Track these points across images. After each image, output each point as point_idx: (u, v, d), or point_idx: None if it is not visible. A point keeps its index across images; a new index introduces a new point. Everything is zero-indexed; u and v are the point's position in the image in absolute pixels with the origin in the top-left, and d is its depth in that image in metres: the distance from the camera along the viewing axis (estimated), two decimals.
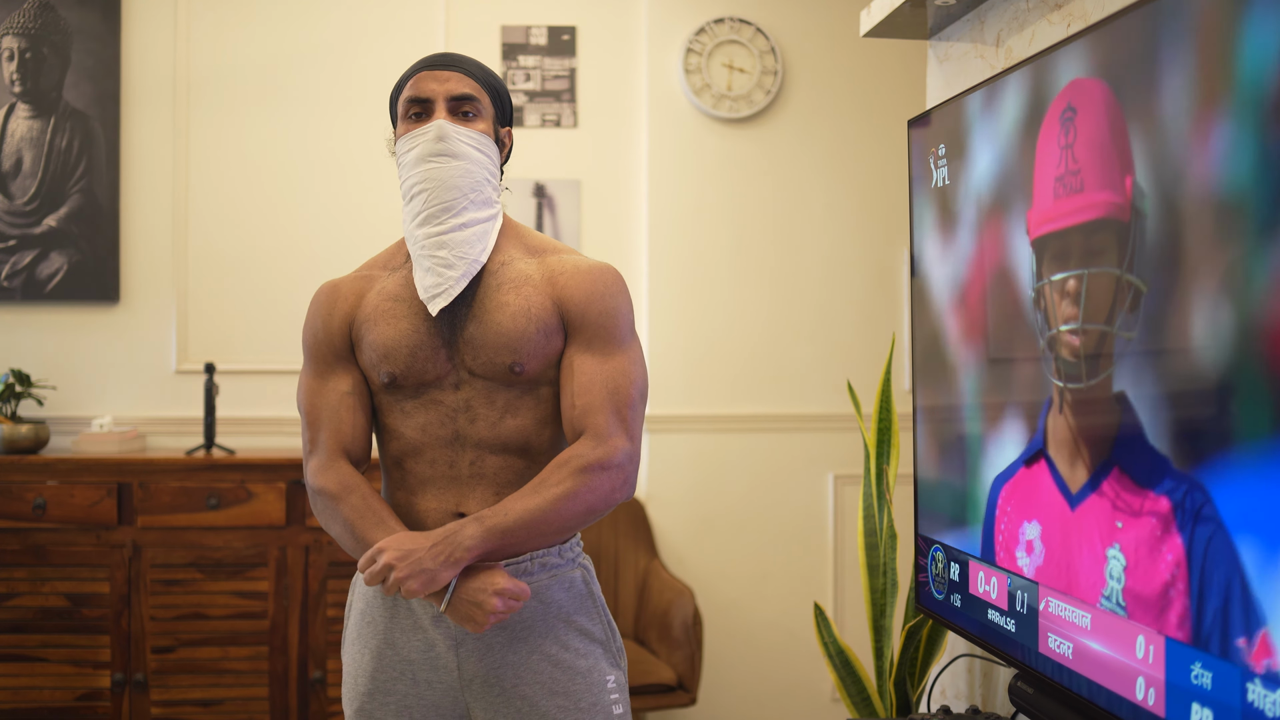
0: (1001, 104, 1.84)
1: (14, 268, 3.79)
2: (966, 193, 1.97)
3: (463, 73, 1.79)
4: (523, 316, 1.74)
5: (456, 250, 1.72)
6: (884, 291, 3.97)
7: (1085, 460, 1.60)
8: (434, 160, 1.73)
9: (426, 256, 1.73)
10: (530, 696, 1.72)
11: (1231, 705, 1.30)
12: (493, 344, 1.73)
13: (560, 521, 1.69)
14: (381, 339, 1.76)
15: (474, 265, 1.73)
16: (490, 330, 1.73)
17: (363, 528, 1.70)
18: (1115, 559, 1.53)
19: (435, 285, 1.72)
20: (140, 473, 3.44)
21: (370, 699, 1.76)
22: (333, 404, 1.79)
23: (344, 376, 1.80)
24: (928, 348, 2.15)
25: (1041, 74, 1.71)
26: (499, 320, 1.73)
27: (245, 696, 3.43)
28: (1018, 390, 1.80)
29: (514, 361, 1.73)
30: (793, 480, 3.93)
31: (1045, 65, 1.70)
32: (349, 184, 3.88)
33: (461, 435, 1.74)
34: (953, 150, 2.02)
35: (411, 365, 1.74)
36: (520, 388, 1.75)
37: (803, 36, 3.97)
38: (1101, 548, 1.56)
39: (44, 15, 3.81)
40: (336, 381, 1.80)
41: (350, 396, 1.79)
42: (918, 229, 2.19)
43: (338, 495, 1.74)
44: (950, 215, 2.04)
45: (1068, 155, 1.63)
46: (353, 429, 1.79)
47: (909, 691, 2.51)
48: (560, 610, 1.76)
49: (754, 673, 3.92)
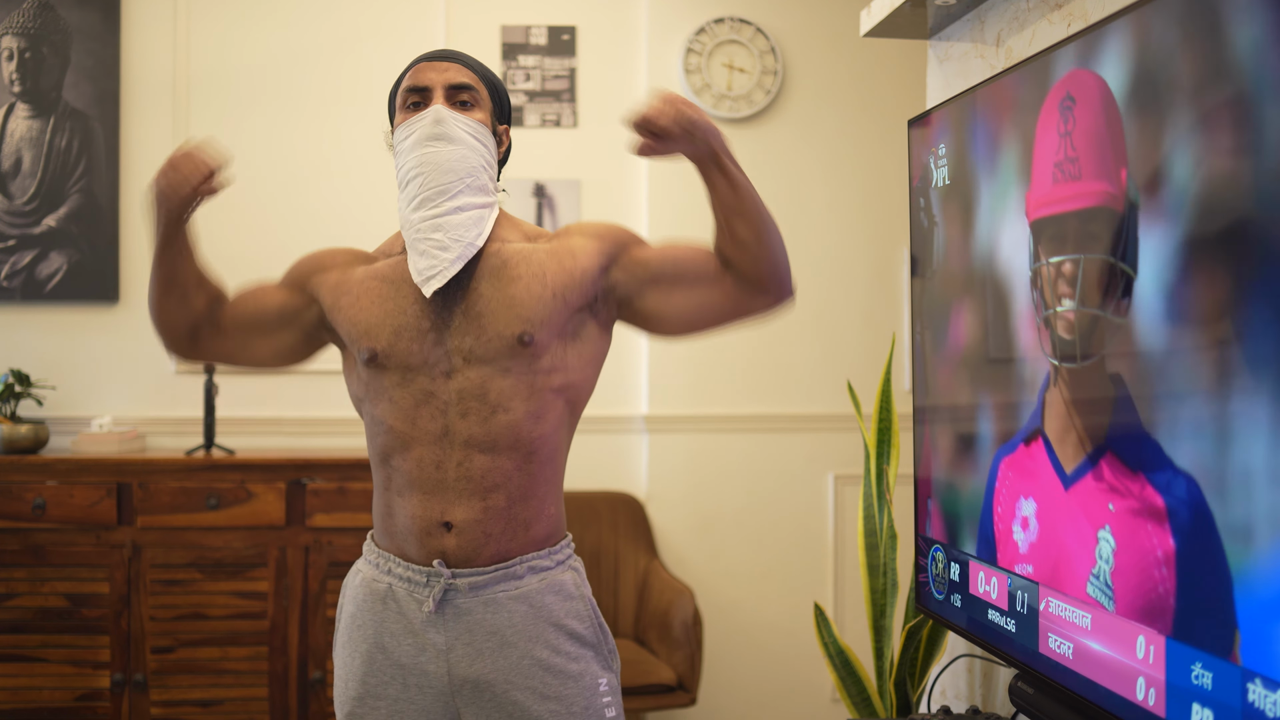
0: (1002, 92, 1.85)
1: (14, 268, 3.79)
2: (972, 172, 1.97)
3: (461, 64, 1.79)
4: (537, 282, 1.72)
5: (452, 233, 1.70)
6: (884, 291, 3.97)
7: (1080, 442, 1.62)
8: (431, 144, 1.72)
9: (421, 239, 1.70)
10: (522, 701, 1.71)
11: (1232, 705, 1.30)
12: (503, 315, 1.70)
13: (764, 211, 1.69)
14: (364, 316, 1.75)
15: (469, 248, 1.71)
16: (500, 301, 1.71)
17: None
18: (1105, 540, 1.53)
19: (430, 267, 1.69)
20: (140, 473, 3.44)
21: (360, 703, 1.75)
22: (258, 290, 1.85)
23: (283, 293, 1.84)
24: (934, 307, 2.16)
25: (1043, 64, 1.72)
26: (512, 293, 1.71)
27: (245, 697, 3.43)
28: (1017, 367, 1.81)
29: (524, 331, 1.70)
30: (793, 480, 3.93)
31: (1046, 56, 1.71)
32: (349, 184, 3.87)
33: (451, 431, 1.70)
34: (955, 137, 2.03)
35: (395, 344, 1.72)
36: (516, 374, 1.71)
37: (803, 36, 3.97)
38: (1092, 529, 1.57)
39: (44, 15, 3.81)
40: (276, 290, 1.85)
41: (265, 293, 1.84)
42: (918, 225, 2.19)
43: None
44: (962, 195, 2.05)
45: (1066, 143, 1.64)
46: (240, 295, 1.84)
47: (909, 692, 2.51)
48: (551, 614, 1.74)
49: (754, 673, 3.92)
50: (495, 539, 1.71)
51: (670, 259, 1.77)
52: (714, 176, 1.68)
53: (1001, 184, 1.85)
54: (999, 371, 1.89)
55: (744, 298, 1.72)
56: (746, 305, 1.73)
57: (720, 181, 1.68)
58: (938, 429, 2.15)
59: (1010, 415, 1.84)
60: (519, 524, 1.73)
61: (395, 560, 1.75)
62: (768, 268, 1.70)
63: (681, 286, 1.75)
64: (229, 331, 1.83)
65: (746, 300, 1.73)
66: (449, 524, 1.71)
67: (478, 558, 1.71)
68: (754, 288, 1.71)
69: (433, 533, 1.71)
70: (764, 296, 1.72)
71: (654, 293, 1.76)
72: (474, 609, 1.71)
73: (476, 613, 1.71)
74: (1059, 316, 1.66)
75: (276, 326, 1.83)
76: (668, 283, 1.75)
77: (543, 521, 1.76)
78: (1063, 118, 1.65)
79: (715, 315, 1.76)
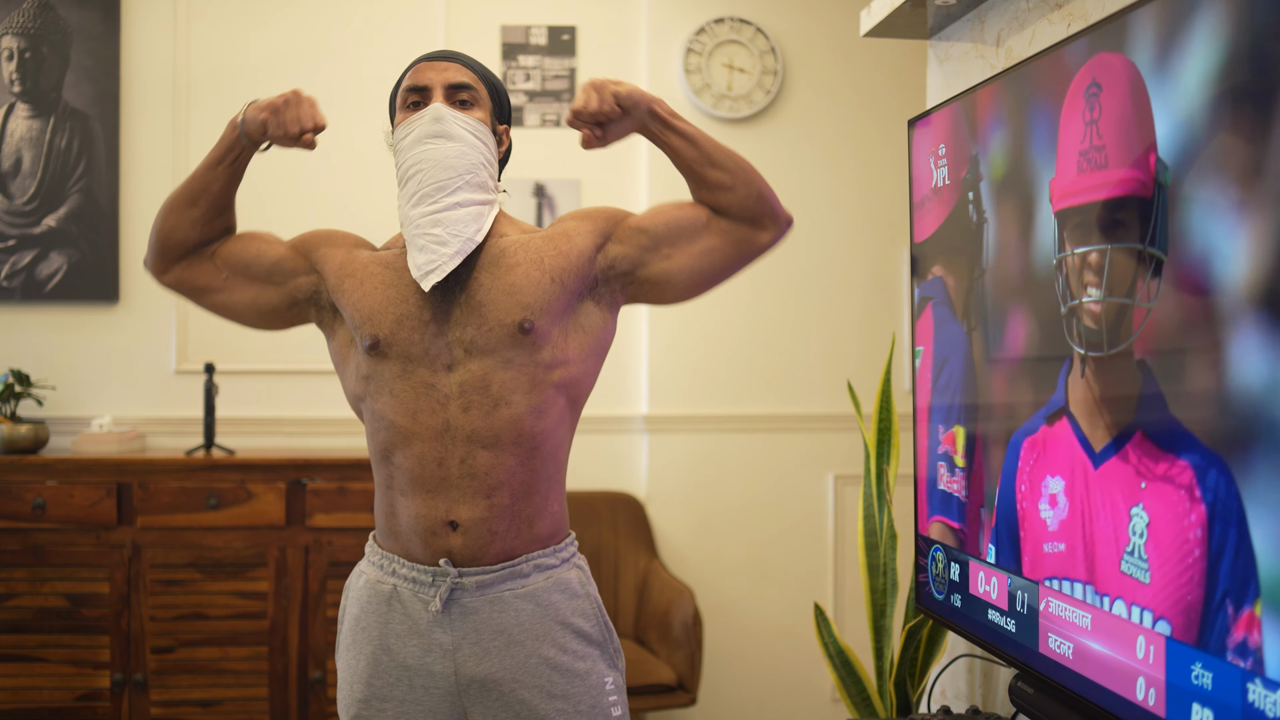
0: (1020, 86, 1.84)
1: (14, 268, 3.79)
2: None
3: (461, 64, 1.80)
4: (535, 268, 1.73)
5: (451, 228, 1.70)
6: (884, 291, 3.97)
7: (1107, 423, 1.60)
8: (430, 141, 1.72)
9: (420, 235, 1.71)
10: (529, 700, 1.71)
11: (1232, 705, 1.30)
12: (503, 303, 1.71)
13: (728, 150, 1.73)
14: (367, 301, 1.75)
15: (468, 243, 1.71)
16: (499, 289, 1.72)
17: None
18: (1139, 516, 1.51)
19: (428, 262, 1.69)
20: (140, 473, 3.44)
21: (366, 705, 1.74)
22: (263, 237, 1.86)
23: (286, 249, 1.85)
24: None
25: (1076, 47, 1.68)
26: (511, 280, 1.72)
27: (245, 697, 3.43)
28: (1038, 349, 1.80)
29: (524, 318, 1.70)
30: (793, 480, 3.93)
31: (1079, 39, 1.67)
32: (348, 184, 3.88)
33: (453, 426, 1.70)
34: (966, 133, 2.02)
35: (397, 332, 1.72)
36: (518, 366, 1.71)
37: (803, 36, 3.97)
38: (1125, 506, 1.54)
39: (44, 15, 3.81)
40: (280, 244, 1.86)
41: (268, 243, 1.85)
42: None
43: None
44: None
45: (1092, 131, 1.62)
46: (243, 235, 1.85)
47: (909, 692, 2.51)
48: (557, 612, 1.74)
49: (754, 673, 3.92)
50: (500, 537, 1.72)
51: (663, 220, 1.78)
52: (667, 137, 1.73)
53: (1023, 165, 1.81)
54: (1044, 367, 1.85)
55: (744, 235, 1.75)
56: (749, 243, 1.75)
57: (674, 139, 1.72)
58: (990, 427, 2.05)
59: (1037, 393, 1.81)
60: (523, 521, 1.73)
61: (399, 561, 1.75)
62: (754, 200, 1.73)
63: (681, 243, 1.76)
64: (219, 265, 1.83)
65: (747, 237, 1.75)
66: (454, 523, 1.70)
67: (484, 556, 1.71)
68: (750, 223, 1.74)
69: (438, 532, 1.71)
70: (762, 230, 1.75)
71: (655, 257, 1.77)
72: (481, 608, 1.71)
73: (483, 612, 1.71)
74: (1084, 308, 1.64)
75: (266, 278, 1.83)
76: (667, 244, 1.77)
77: (546, 518, 1.76)
78: (1088, 105, 1.63)
79: (721, 263, 1.77)
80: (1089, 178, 1.63)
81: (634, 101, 1.70)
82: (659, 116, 1.72)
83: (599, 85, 1.69)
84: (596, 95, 1.69)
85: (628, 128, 1.73)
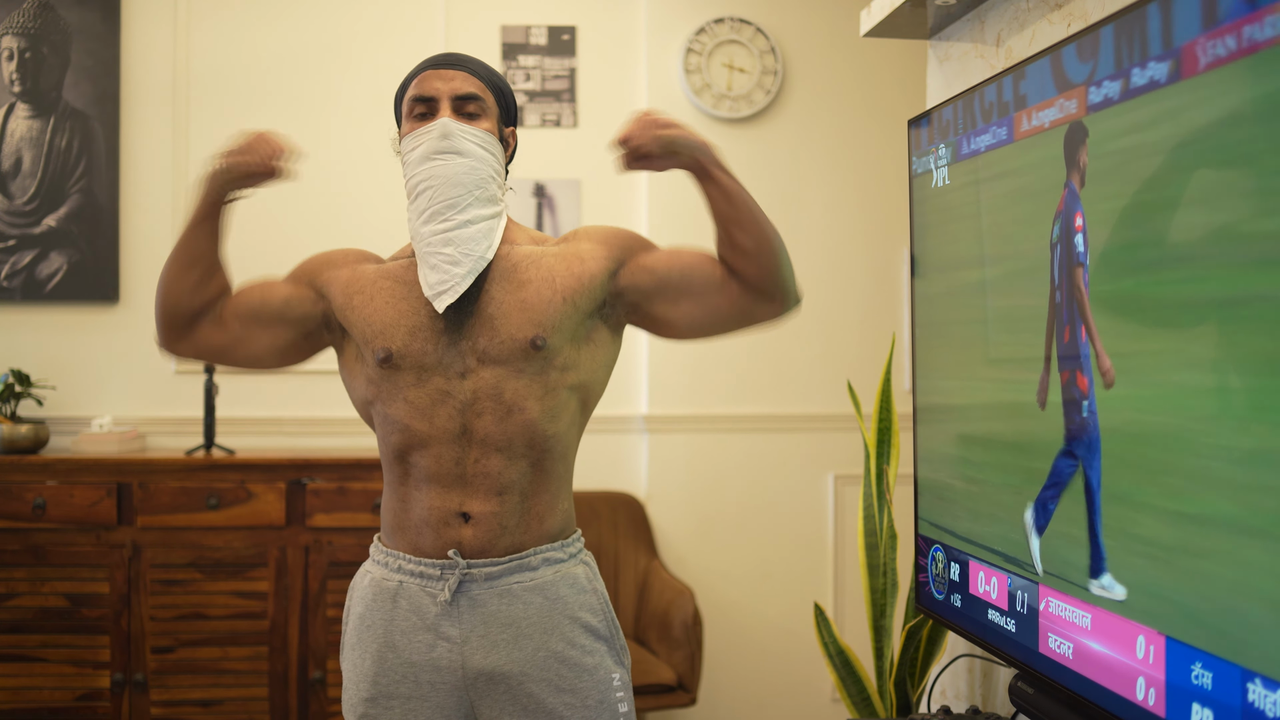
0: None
1: (14, 268, 3.79)
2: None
3: (468, 72, 1.79)
4: (547, 287, 1.74)
5: (462, 247, 1.71)
6: (884, 291, 3.97)
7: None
8: (439, 158, 1.73)
9: (432, 254, 1.72)
10: (537, 693, 1.72)
11: (1231, 705, 1.30)
12: (515, 318, 1.72)
13: (761, 218, 1.71)
14: (378, 316, 1.76)
15: (480, 262, 1.73)
16: (511, 304, 1.72)
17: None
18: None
19: (441, 282, 1.71)
20: (140, 473, 3.44)
21: (373, 704, 1.75)
22: (263, 283, 1.84)
23: (288, 288, 1.83)
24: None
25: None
26: (523, 296, 1.73)
27: (245, 697, 3.43)
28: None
29: (536, 335, 1.71)
30: (793, 480, 3.93)
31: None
32: (349, 184, 3.88)
33: (469, 429, 1.72)
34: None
35: (410, 344, 1.73)
36: (530, 375, 1.72)
37: (803, 36, 3.97)
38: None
39: (44, 15, 3.81)
40: (281, 285, 1.84)
41: (269, 287, 1.83)
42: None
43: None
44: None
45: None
46: (243, 287, 1.83)
47: (909, 691, 2.51)
48: (565, 606, 1.75)
49: (754, 673, 3.92)
50: (510, 531, 1.73)
51: (676, 267, 1.78)
52: (706, 187, 1.72)
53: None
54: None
55: (749, 305, 1.74)
56: (752, 312, 1.76)
57: (713, 192, 1.71)
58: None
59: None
60: (533, 517, 1.75)
61: (405, 557, 1.76)
62: (770, 275, 1.72)
63: (689, 294, 1.77)
64: (228, 323, 1.81)
65: (752, 307, 1.75)
66: (467, 515, 1.72)
67: (493, 549, 1.72)
68: (758, 295, 1.73)
69: (450, 523, 1.72)
70: (769, 304, 1.75)
71: (661, 300, 1.78)
72: (489, 600, 1.72)
73: (492, 604, 1.72)
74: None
75: (277, 320, 1.82)
76: (675, 291, 1.77)
77: (555, 515, 1.78)
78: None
79: (722, 322, 1.78)
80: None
81: (679, 146, 1.68)
82: (703, 167, 1.70)
83: (648, 123, 1.68)
84: (647, 135, 1.67)
85: (670, 165, 1.72)
